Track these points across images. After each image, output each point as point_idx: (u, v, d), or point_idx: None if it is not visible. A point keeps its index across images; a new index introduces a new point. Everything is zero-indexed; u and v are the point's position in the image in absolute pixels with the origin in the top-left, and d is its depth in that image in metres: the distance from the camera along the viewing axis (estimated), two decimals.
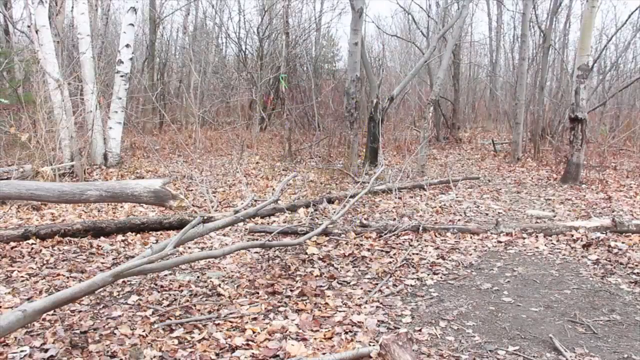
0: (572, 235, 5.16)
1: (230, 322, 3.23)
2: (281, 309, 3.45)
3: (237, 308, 3.43)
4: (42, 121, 7.92)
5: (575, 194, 7.58)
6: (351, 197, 6.17)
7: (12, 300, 3.47)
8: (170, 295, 3.66)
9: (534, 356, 2.87)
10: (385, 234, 5.18)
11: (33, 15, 8.49)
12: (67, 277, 3.97)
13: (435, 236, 5.19)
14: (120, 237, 5.07)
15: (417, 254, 4.65)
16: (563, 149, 10.29)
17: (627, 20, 13.75)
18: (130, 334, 3.03)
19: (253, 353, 2.83)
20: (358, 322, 3.24)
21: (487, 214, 6.35)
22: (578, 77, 8.23)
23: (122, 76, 9.19)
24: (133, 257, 4.37)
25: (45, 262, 4.31)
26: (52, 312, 3.18)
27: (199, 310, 3.40)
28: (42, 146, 7.83)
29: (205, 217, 5.06)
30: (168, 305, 3.47)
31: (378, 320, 3.27)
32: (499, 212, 6.44)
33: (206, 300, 3.59)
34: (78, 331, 3.03)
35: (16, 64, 11.04)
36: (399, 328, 3.18)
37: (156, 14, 15.13)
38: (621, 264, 4.40)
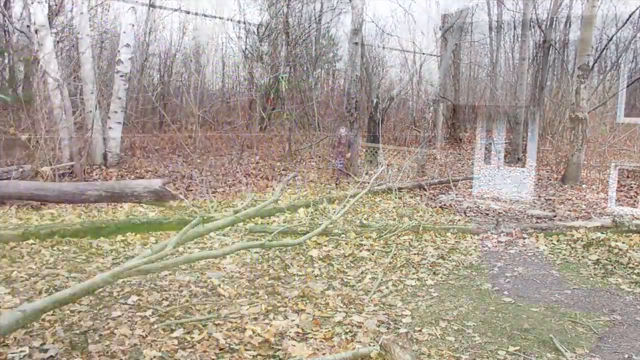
0: (573, 235, 5.16)
1: (230, 322, 3.22)
2: (281, 309, 3.45)
3: (237, 308, 3.43)
4: (42, 121, 7.91)
5: (576, 194, 7.58)
6: (351, 197, 6.16)
7: (12, 300, 3.46)
8: (170, 295, 3.65)
9: (534, 356, 2.86)
10: (385, 234, 5.18)
11: (32, 15, 8.49)
12: (67, 277, 3.97)
13: (435, 236, 5.19)
14: (120, 237, 5.05)
15: (417, 254, 4.65)
16: (563, 149, 10.28)
17: (627, 20, 13.72)
18: (130, 334, 3.02)
19: (253, 353, 2.82)
20: (358, 322, 3.24)
21: (487, 214, 6.34)
22: (578, 77, 8.23)
23: (122, 76, 9.19)
24: (133, 257, 4.36)
25: (45, 262, 4.30)
26: (52, 312, 3.17)
27: (198, 310, 3.39)
28: (42, 146, 7.82)
29: (205, 217, 5.06)
30: (168, 306, 3.46)
31: (378, 320, 3.27)
32: (499, 212, 6.43)
33: (206, 300, 3.58)
34: (78, 331, 3.02)
35: (16, 64, 11.03)
36: (399, 328, 3.17)
37: (156, 13, 15.10)
38: (621, 264, 4.39)
